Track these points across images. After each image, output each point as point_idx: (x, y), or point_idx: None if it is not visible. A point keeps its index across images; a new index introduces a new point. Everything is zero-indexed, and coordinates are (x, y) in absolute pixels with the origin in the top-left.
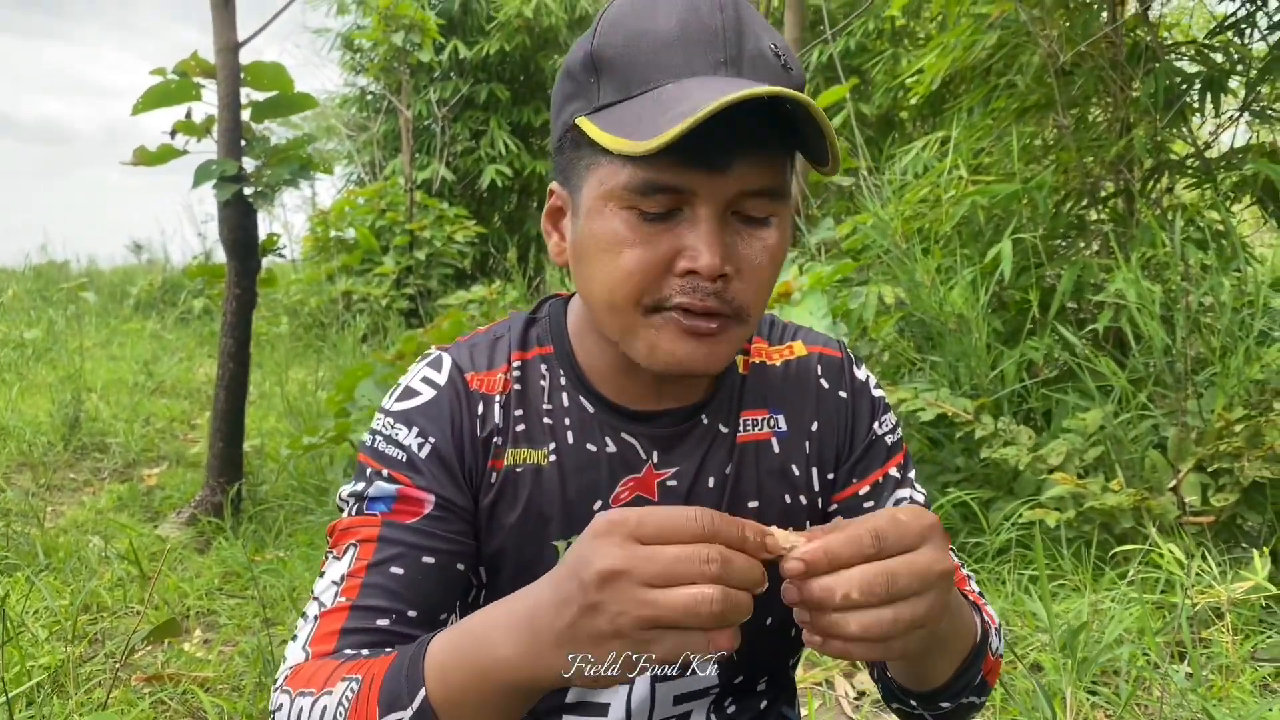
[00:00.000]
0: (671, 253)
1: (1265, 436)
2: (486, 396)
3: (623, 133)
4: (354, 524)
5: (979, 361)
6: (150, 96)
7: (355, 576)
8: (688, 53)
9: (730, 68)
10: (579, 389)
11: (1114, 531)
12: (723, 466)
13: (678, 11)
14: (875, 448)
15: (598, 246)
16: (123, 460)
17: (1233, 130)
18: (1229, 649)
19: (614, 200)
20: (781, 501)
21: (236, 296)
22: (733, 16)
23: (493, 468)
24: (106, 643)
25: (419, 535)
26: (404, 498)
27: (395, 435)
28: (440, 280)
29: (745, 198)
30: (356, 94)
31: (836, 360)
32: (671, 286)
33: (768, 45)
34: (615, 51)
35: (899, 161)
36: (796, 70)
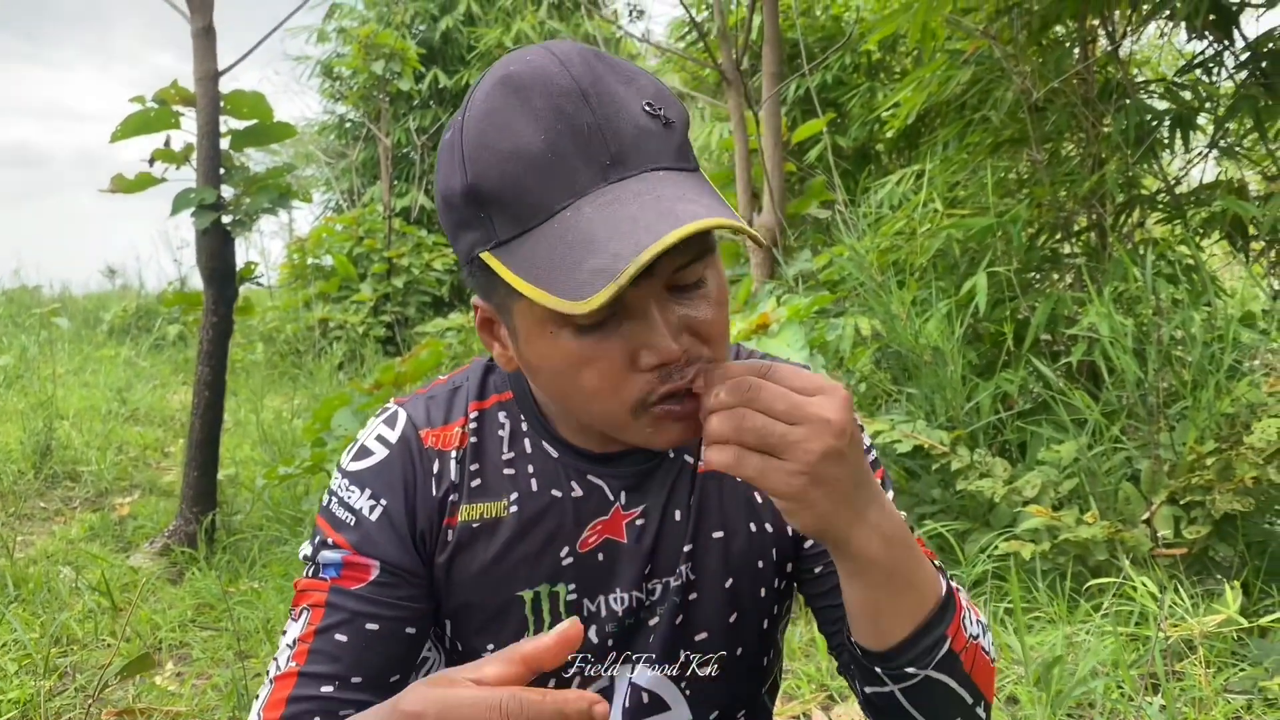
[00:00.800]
0: (629, 354)
1: (1236, 469)
2: (442, 454)
3: (542, 283)
4: (308, 587)
5: (954, 393)
6: (129, 124)
7: (305, 642)
8: (568, 168)
9: (618, 167)
10: (541, 434)
11: (1088, 564)
12: (687, 499)
13: (541, 119)
14: None
15: (554, 368)
16: (95, 489)
17: (1202, 166)
18: (1202, 682)
19: (550, 323)
20: (747, 530)
21: (213, 325)
22: (597, 101)
23: (448, 525)
24: (77, 676)
25: (363, 602)
26: (349, 564)
27: (348, 498)
28: (418, 308)
29: (674, 273)
30: (335, 121)
31: None
32: (646, 383)
33: (640, 109)
34: (494, 184)
35: (875, 194)
36: (676, 115)
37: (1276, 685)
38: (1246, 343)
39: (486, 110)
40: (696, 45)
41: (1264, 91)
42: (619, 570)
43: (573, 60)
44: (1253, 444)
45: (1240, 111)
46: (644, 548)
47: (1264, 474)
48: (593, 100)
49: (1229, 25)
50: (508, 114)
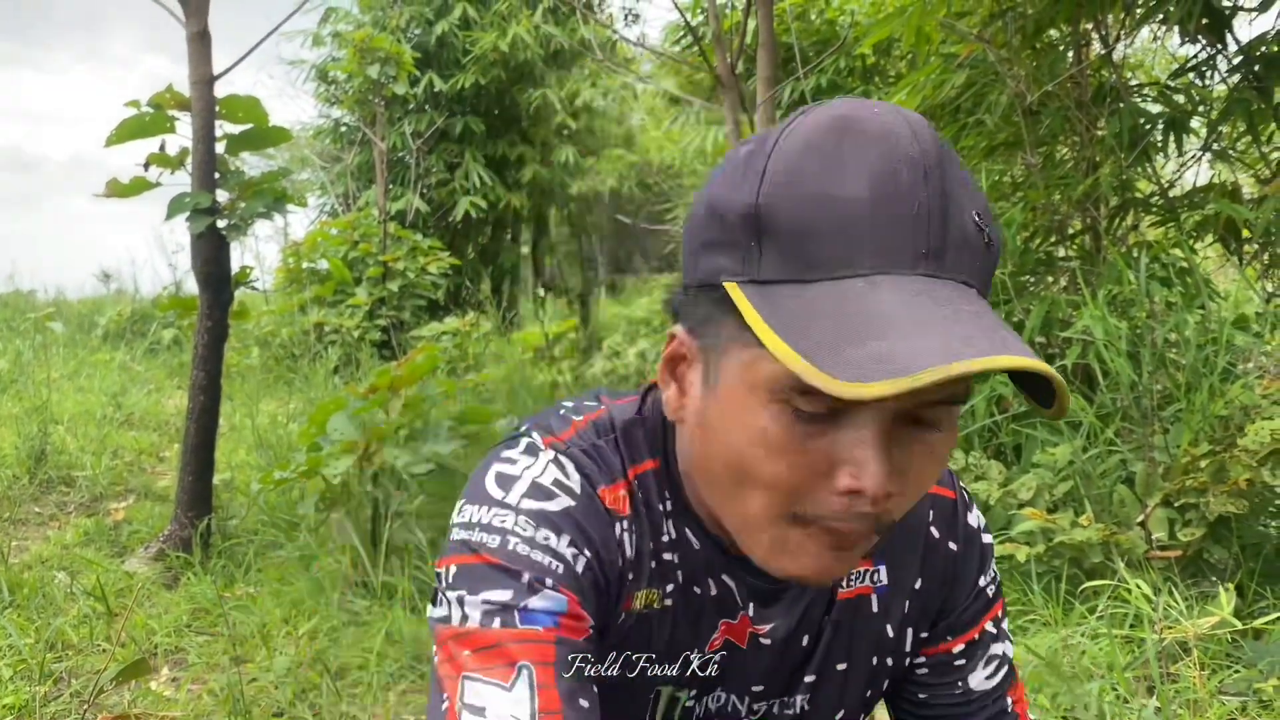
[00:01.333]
0: (828, 462)
1: (1230, 471)
2: (619, 517)
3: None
4: (510, 637)
5: None
6: (125, 129)
7: (551, 714)
8: (881, 237)
9: (932, 260)
10: (685, 520)
11: (1083, 566)
12: (818, 624)
13: (874, 173)
14: (976, 603)
15: (741, 440)
16: (89, 494)
17: (1195, 169)
18: (1197, 684)
19: (764, 391)
20: (869, 664)
21: (208, 329)
22: (938, 186)
23: (624, 609)
24: (72, 681)
25: (586, 660)
26: (572, 614)
27: (543, 540)
28: (413, 312)
29: (921, 407)
30: (330, 125)
31: (949, 504)
32: (830, 502)
33: (970, 218)
34: (786, 216)
35: None
36: (997, 240)
37: (1271, 687)
38: (1240, 345)
39: (812, 142)
40: (691, 49)
41: (1257, 95)
42: (729, 675)
43: (923, 133)
44: (1246, 446)
45: (1233, 114)
46: (762, 663)
47: (1258, 476)
48: (933, 181)
49: (1222, 29)
50: (835, 155)
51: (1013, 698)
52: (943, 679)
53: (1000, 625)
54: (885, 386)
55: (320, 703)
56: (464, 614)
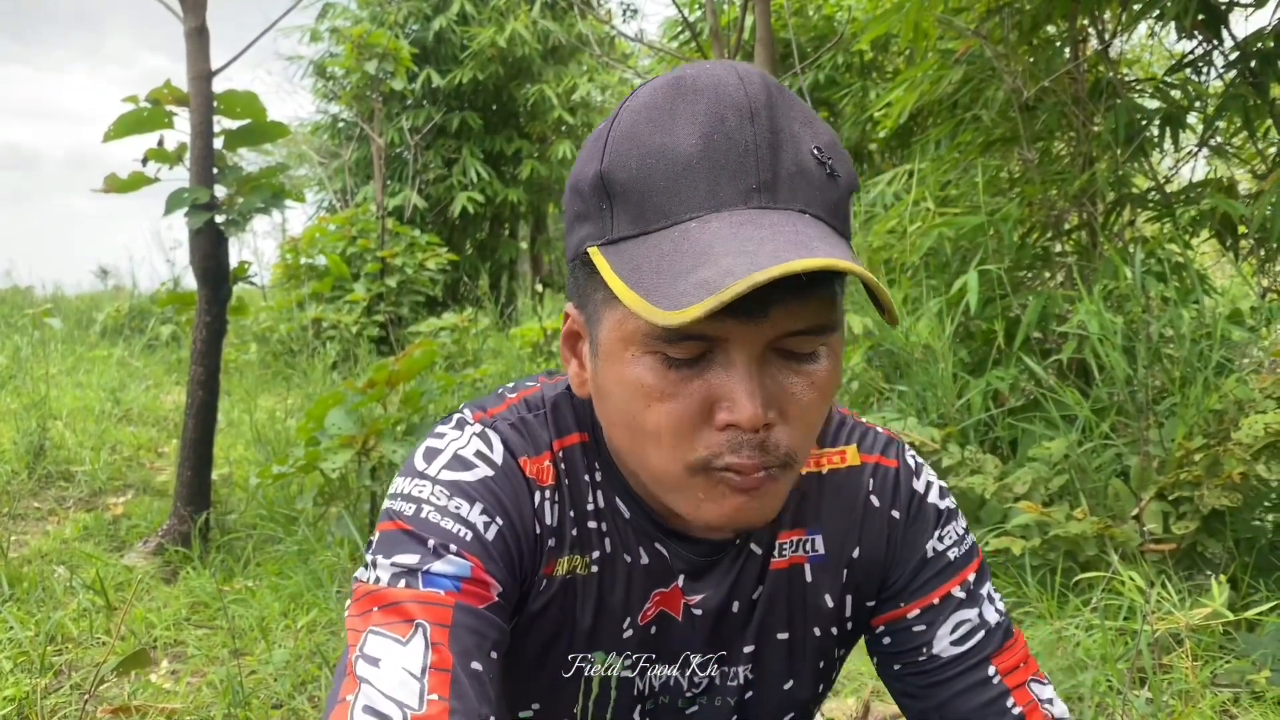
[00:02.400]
0: (706, 402)
1: (1224, 465)
2: (540, 487)
3: (640, 287)
4: (411, 598)
5: (945, 391)
6: (122, 124)
7: (441, 670)
8: (712, 179)
9: (763, 194)
10: (615, 489)
11: (1079, 559)
12: (751, 593)
13: (701, 124)
14: (930, 566)
15: (623, 394)
16: (88, 489)
17: (1191, 165)
18: (1189, 674)
19: (636, 345)
20: (811, 634)
21: (207, 324)
22: (766, 124)
23: (545, 574)
24: (72, 674)
25: (488, 625)
26: (475, 579)
27: (456, 509)
28: (411, 307)
29: (786, 337)
30: (328, 121)
31: (891, 472)
32: (714, 442)
33: (809, 151)
34: (629, 175)
35: (868, 194)
36: (845, 172)
37: (1263, 678)
38: (1235, 340)
39: (647, 104)
40: (689, 44)
41: (1252, 91)
42: (667, 646)
43: (753, 80)
44: (1240, 440)
45: (1229, 110)
46: (697, 633)
47: (1251, 470)
48: (760, 121)
49: (1218, 25)
50: (667, 111)
51: (999, 666)
52: (906, 646)
53: (974, 591)
54: (697, 309)
55: (319, 695)
56: (376, 575)
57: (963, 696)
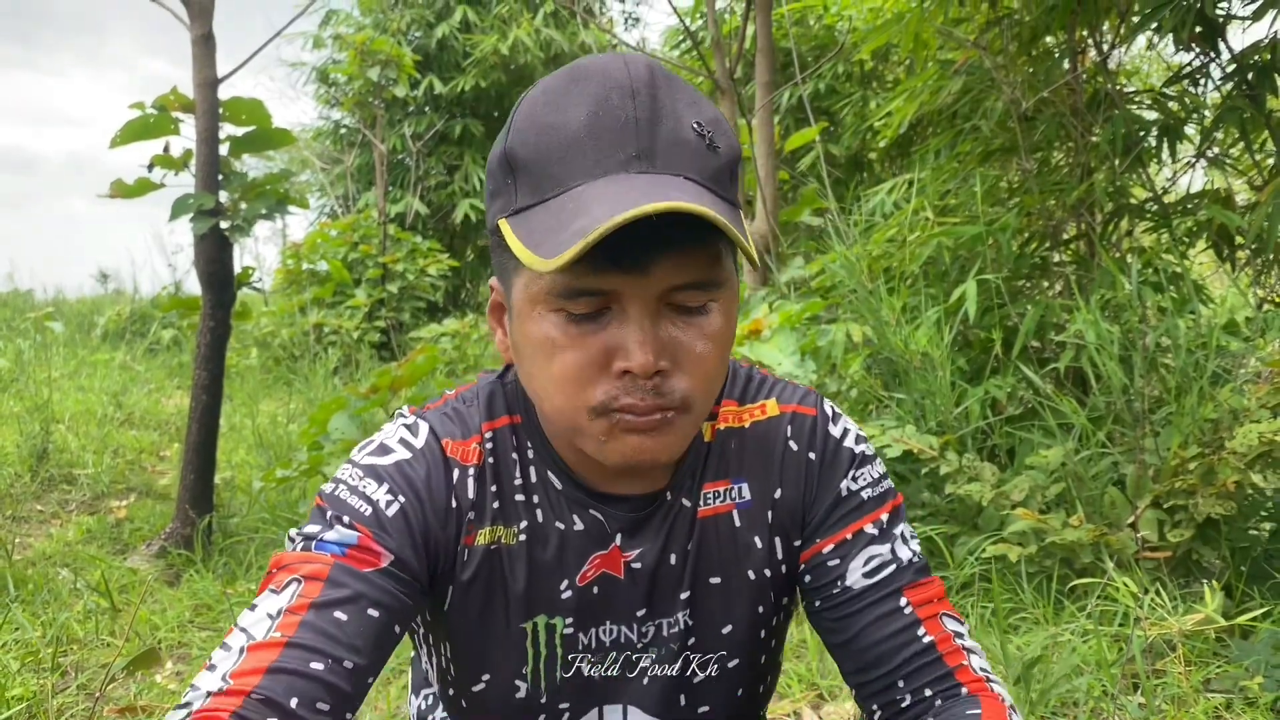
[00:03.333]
0: (605, 353)
1: (1219, 474)
2: (462, 467)
3: (531, 243)
4: (300, 559)
5: (944, 399)
6: (129, 130)
7: (295, 613)
8: (597, 149)
9: (642, 161)
10: (546, 463)
11: (1074, 566)
12: (685, 544)
13: (588, 103)
14: (844, 504)
15: (532, 350)
16: (91, 492)
17: (1189, 176)
18: (1182, 680)
19: (540, 304)
20: (745, 578)
21: (210, 329)
22: (646, 101)
23: (465, 545)
24: (79, 675)
25: (370, 586)
26: (362, 547)
27: (362, 488)
28: (412, 313)
29: (675, 291)
30: (330, 127)
31: (809, 419)
32: (612, 387)
33: (689, 125)
34: (527, 151)
35: (867, 203)
36: (726, 145)
37: (1256, 684)
38: (1232, 350)
39: (544, 89)
40: (691, 54)
41: (1249, 103)
42: (613, 605)
43: (638, 66)
44: (1235, 449)
45: (1226, 122)
46: (640, 588)
47: (1246, 478)
48: (640, 98)
49: (1215, 37)
50: (560, 94)
51: (911, 598)
52: (821, 580)
53: (887, 529)
54: (570, 252)
55: None
56: (289, 545)
57: (875, 625)
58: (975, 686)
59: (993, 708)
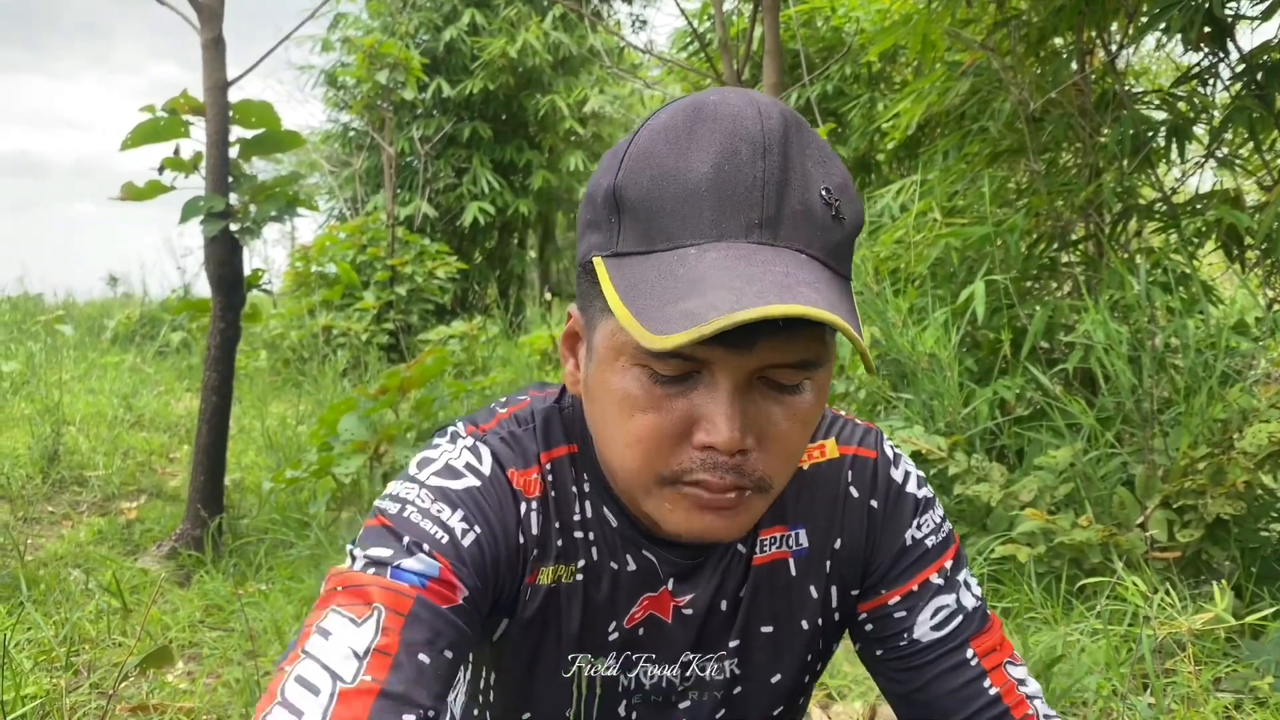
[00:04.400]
0: (687, 422)
1: (1228, 474)
2: (526, 499)
3: (633, 304)
4: (376, 584)
5: (952, 400)
6: (139, 133)
7: (383, 654)
8: (717, 209)
9: (765, 230)
10: (604, 499)
11: (1083, 566)
12: (737, 591)
13: (714, 154)
14: (909, 554)
15: (609, 401)
16: (102, 493)
17: (1197, 176)
18: (1191, 679)
19: (625, 355)
20: (798, 627)
21: (220, 331)
22: (777, 163)
23: (529, 584)
24: (91, 674)
25: (447, 624)
26: (443, 580)
27: (437, 513)
28: (421, 315)
29: (772, 369)
30: (339, 130)
31: (870, 463)
32: (689, 459)
33: (818, 192)
34: (639, 193)
35: (874, 205)
36: (851, 215)
37: (1267, 684)
38: (1241, 350)
39: (665, 125)
40: (698, 55)
41: (1258, 103)
42: (658, 647)
43: (772, 115)
44: (1244, 449)
45: (1235, 122)
46: (687, 633)
47: (1255, 479)
48: (772, 157)
49: (1224, 37)
50: (683, 136)
51: (977, 648)
52: (887, 632)
53: (951, 577)
54: (680, 338)
55: None
56: (351, 563)
57: (943, 678)
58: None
59: None
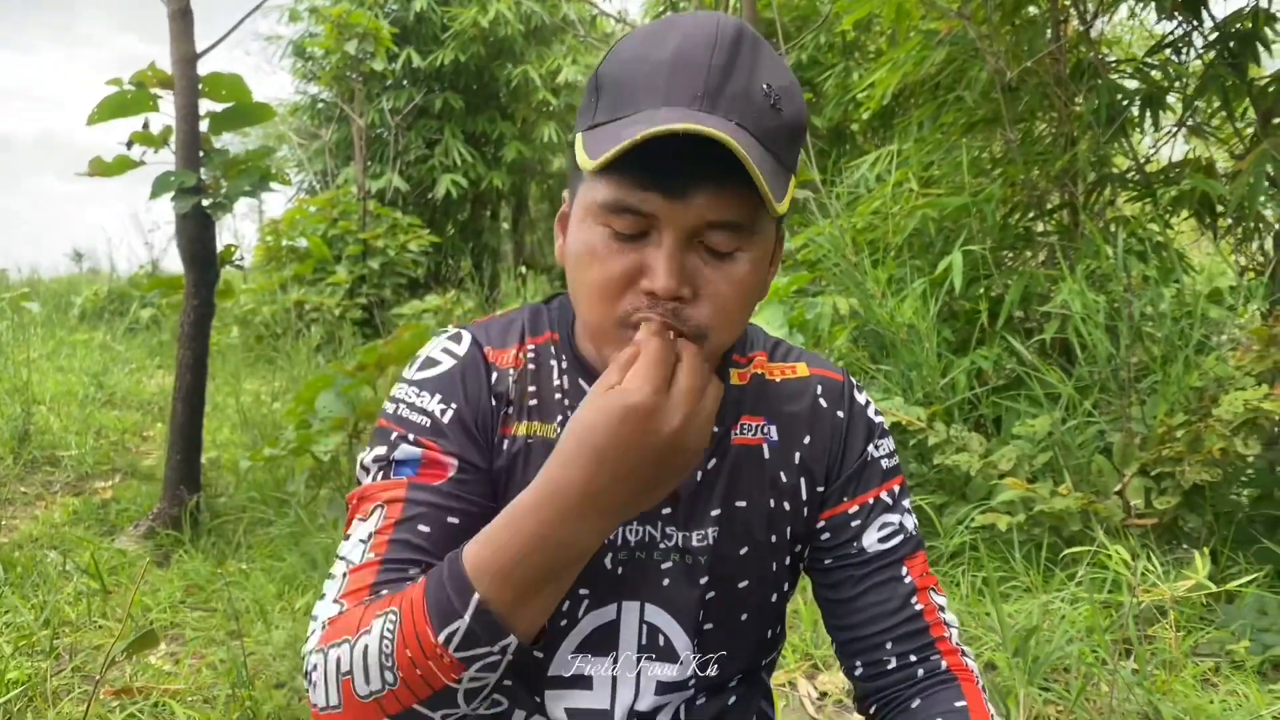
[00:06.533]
0: (635, 271)
1: (1204, 441)
2: (501, 370)
3: (589, 150)
4: (379, 488)
5: (930, 370)
6: (106, 106)
7: (383, 534)
8: (671, 82)
9: (705, 102)
10: (580, 374)
11: (1063, 534)
12: (717, 463)
13: (675, 44)
14: (869, 469)
15: (577, 255)
16: (75, 473)
17: (1170, 145)
18: (1172, 645)
19: (591, 215)
20: (767, 505)
21: (194, 308)
22: (725, 55)
23: (504, 435)
24: (73, 657)
25: (444, 496)
26: (429, 461)
27: (419, 402)
28: (394, 290)
29: (709, 229)
30: (308, 102)
31: (837, 383)
32: (637, 302)
33: (760, 85)
34: (614, 74)
35: (851, 175)
36: (791, 111)
37: (1243, 648)
38: (1215, 318)
39: (645, 28)
40: None
41: (1231, 71)
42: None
43: (728, 26)
44: (1220, 416)
45: (1208, 91)
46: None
47: (1231, 445)
48: (719, 53)
49: (1197, 6)
50: (655, 33)
51: (910, 569)
52: (839, 539)
53: (898, 500)
54: (610, 153)
55: None
56: (361, 475)
57: (877, 589)
58: (952, 660)
59: (973, 691)
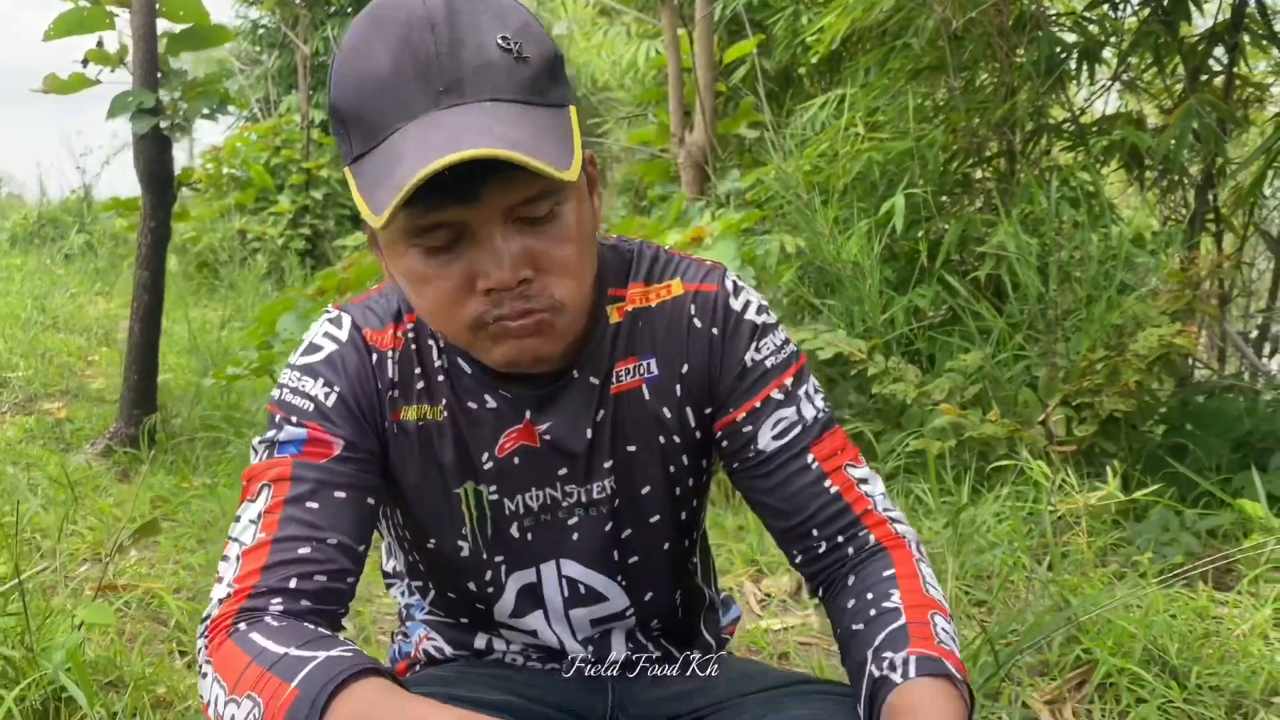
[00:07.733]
0: (467, 278)
1: (1122, 375)
2: (381, 352)
3: (367, 197)
4: (265, 467)
5: (872, 306)
6: (61, 23)
7: (272, 513)
8: (405, 91)
9: (451, 94)
10: (457, 352)
11: (990, 459)
12: (595, 416)
13: (391, 46)
14: (749, 375)
15: (406, 283)
16: (23, 394)
17: (1105, 98)
18: (1085, 549)
19: (401, 241)
20: (657, 443)
21: (151, 229)
22: (446, 33)
23: (394, 421)
24: (55, 559)
25: (330, 473)
26: (314, 439)
27: (302, 387)
28: (338, 220)
29: (518, 208)
30: (249, 27)
31: (711, 295)
32: (481, 304)
33: (494, 42)
34: (348, 103)
35: (799, 118)
36: (537, 52)
37: (1146, 559)
38: (1138, 263)
39: (352, 39)
40: None
41: (1164, 29)
42: (535, 472)
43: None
44: (1136, 351)
45: (1142, 47)
46: (558, 455)
47: (1145, 379)
48: (439, 30)
49: None
50: (365, 42)
51: (816, 453)
52: (737, 444)
53: (792, 392)
54: (389, 209)
55: None
56: (254, 456)
57: (788, 482)
58: (880, 531)
59: (902, 557)
